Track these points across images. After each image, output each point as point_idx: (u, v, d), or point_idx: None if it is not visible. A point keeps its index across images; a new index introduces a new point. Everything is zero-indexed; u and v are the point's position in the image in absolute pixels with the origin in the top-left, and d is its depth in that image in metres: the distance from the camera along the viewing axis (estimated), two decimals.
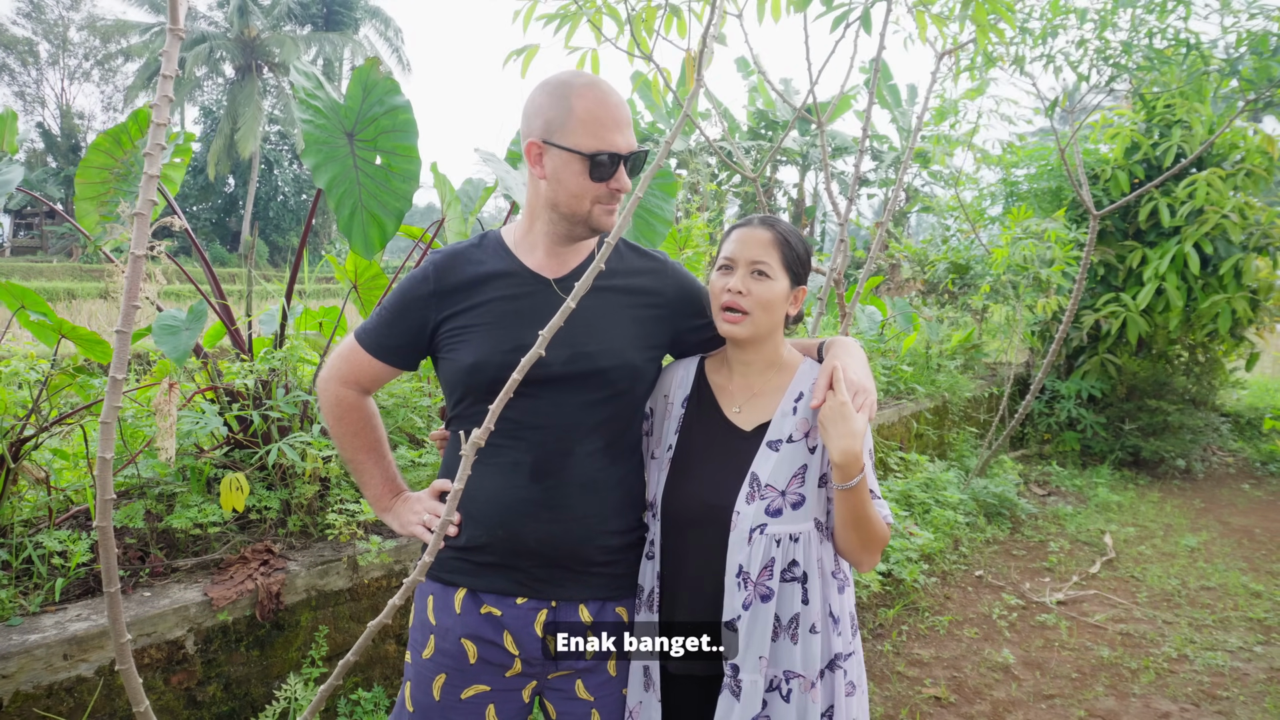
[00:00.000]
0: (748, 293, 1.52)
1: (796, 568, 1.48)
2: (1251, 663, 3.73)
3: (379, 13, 38.70)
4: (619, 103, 1.47)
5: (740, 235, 1.56)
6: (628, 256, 1.62)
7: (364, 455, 1.65)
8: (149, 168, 1.08)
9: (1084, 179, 5.81)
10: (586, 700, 1.55)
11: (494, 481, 1.51)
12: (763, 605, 1.46)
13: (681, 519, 1.54)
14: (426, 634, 1.55)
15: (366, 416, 1.65)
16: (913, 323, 7.10)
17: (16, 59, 37.92)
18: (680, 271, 1.66)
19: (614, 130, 1.45)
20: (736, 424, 1.57)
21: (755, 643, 1.45)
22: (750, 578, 1.47)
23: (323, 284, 16.98)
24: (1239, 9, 5.12)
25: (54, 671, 1.95)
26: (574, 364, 1.48)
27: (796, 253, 1.55)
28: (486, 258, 1.55)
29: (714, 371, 1.66)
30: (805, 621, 1.48)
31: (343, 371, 1.62)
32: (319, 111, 2.65)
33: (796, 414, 1.53)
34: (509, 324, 1.49)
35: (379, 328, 1.59)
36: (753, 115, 15.93)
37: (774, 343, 1.59)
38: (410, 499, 1.65)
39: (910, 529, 4.62)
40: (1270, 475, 7.47)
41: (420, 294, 1.54)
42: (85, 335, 2.62)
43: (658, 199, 3.30)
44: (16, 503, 2.48)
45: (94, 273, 23.44)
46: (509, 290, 1.52)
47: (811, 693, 1.48)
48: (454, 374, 1.52)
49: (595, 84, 1.46)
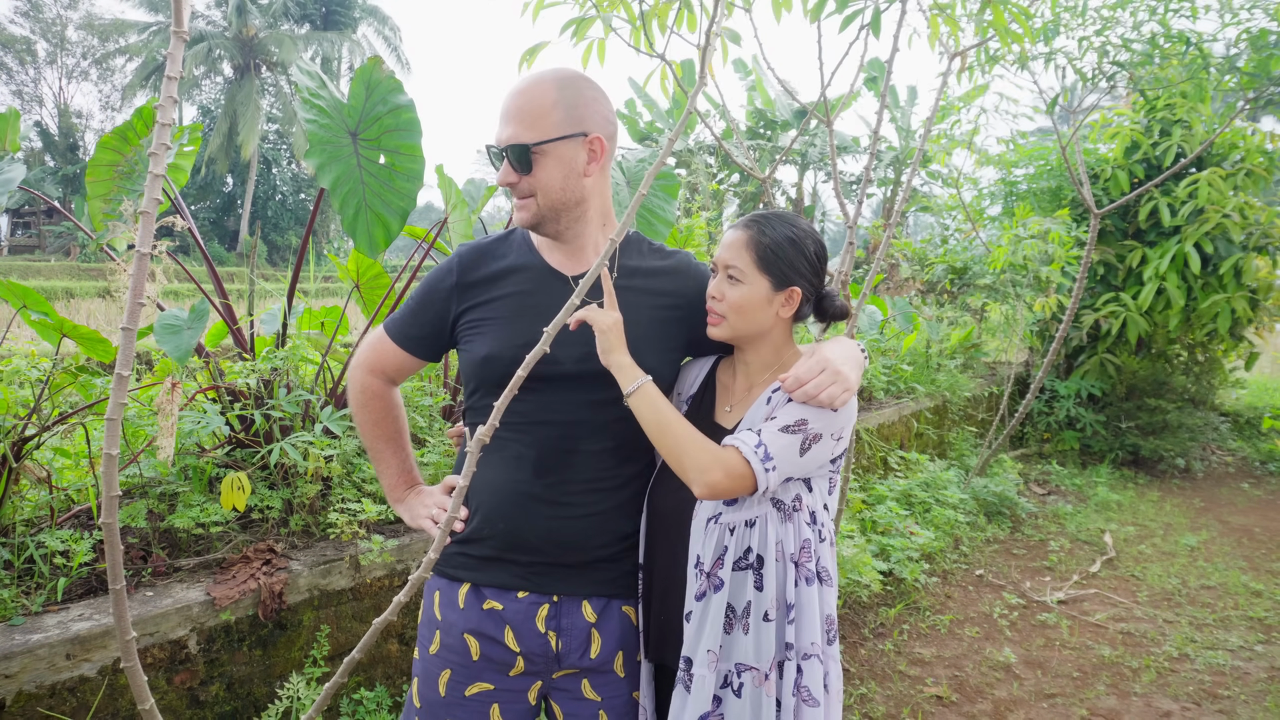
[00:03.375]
0: (721, 297, 1.51)
1: (750, 554, 1.44)
2: (1252, 661, 3.73)
3: (377, 11, 38.65)
4: (514, 93, 1.47)
5: (723, 238, 1.56)
6: (649, 256, 1.62)
7: (384, 444, 1.69)
8: (154, 166, 1.08)
9: (1085, 178, 5.81)
10: (594, 700, 1.55)
11: (498, 474, 1.52)
12: (715, 595, 1.43)
13: (660, 512, 1.55)
14: (433, 630, 1.56)
15: (390, 406, 1.68)
16: (912, 322, 7.10)
17: (14, 58, 37.82)
18: (701, 271, 1.66)
19: (500, 123, 1.49)
20: (721, 422, 1.57)
21: (706, 635, 1.42)
22: (704, 568, 1.45)
23: (323, 283, 16.96)
24: (1239, 6, 5.13)
25: (57, 671, 1.94)
26: (586, 363, 1.48)
27: (776, 253, 1.50)
28: (510, 252, 1.57)
29: (723, 372, 1.66)
30: (757, 609, 1.43)
31: (370, 360, 1.65)
32: (323, 111, 2.65)
33: (770, 404, 1.49)
34: (523, 318, 1.50)
35: (405, 318, 1.62)
36: (751, 115, 15.91)
37: (772, 344, 1.57)
38: (423, 492, 1.68)
39: (911, 528, 4.62)
40: (1269, 474, 7.47)
41: (444, 286, 1.56)
42: (87, 334, 2.61)
43: (659, 199, 3.30)
44: (18, 502, 2.48)
45: (92, 272, 23.41)
46: (525, 285, 1.53)
47: (765, 685, 1.41)
48: (469, 366, 1.55)
49: (520, 79, 1.51)
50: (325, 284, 16.89)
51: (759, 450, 1.39)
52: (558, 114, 1.45)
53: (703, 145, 14.86)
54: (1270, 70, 5.05)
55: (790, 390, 1.42)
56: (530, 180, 1.47)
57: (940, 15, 2.57)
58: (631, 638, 1.58)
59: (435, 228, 3.35)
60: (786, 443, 1.40)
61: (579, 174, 1.48)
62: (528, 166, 1.46)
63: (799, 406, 1.43)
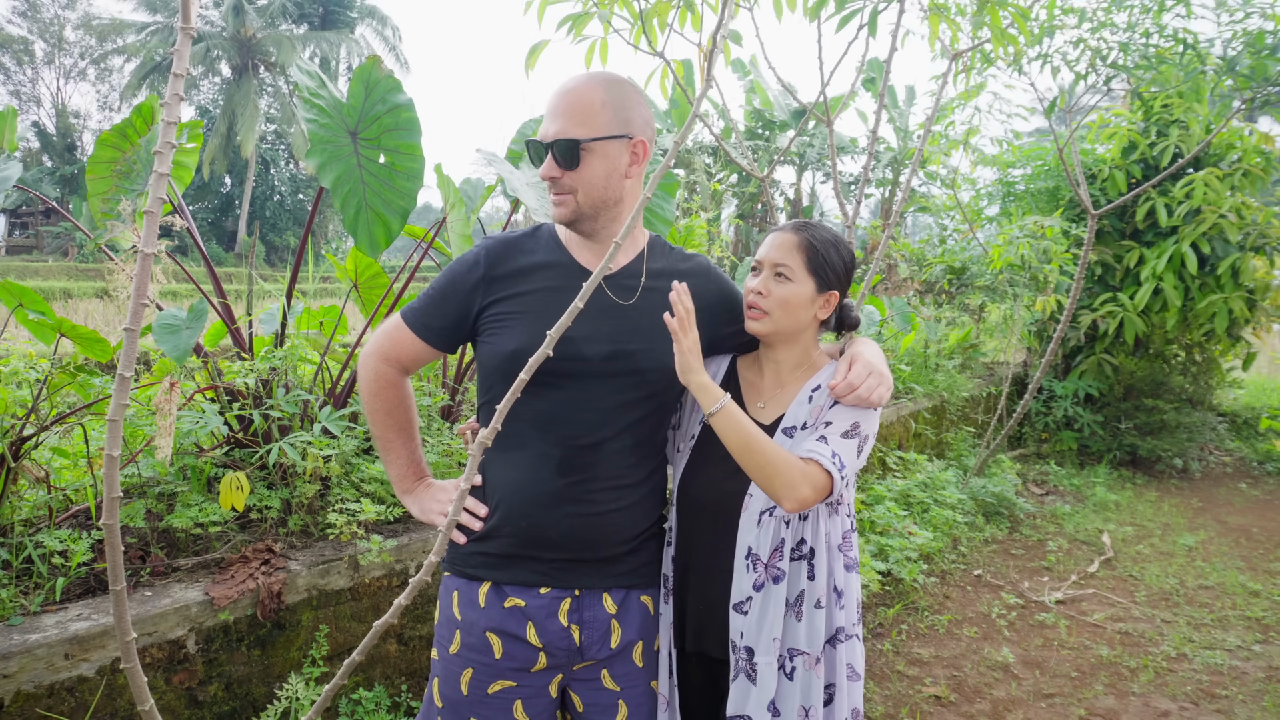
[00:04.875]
0: (768, 293, 1.57)
1: (804, 545, 1.52)
2: (1250, 661, 3.74)
3: (376, 12, 38.61)
4: (562, 91, 1.48)
5: (770, 238, 1.62)
6: (672, 258, 1.64)
7: (394, 434, 1.68)
8: (159, 165, 1.07)
9: (1082, 178, 5.82)
10: (613, 690, 1.57)
11: (520, 473, 1.52)
12: (775, 587, 1.50)
13: (697, 505, 1.59)
14: (453, 629, 1.57)
15: (402, 396, 1.67)
16: (910, 322, 7.11)
17: (12, 58, 37.76)
18: (720, 276, 1.69)
19: (546, 119, 1.49)
20: (758, 418, 1.61)
21: (769, 624, 1.49)
22: (760, 559, 1.51)
23: (321, 284, 16.93)
24: (1235, 7, 5.14)
25: (55, 671, 1.94)
26: (613, 361, 1.50)
27: (824, 257, 1.58)
28: (538, 248, 1.58)
29: (745, 368, 1.71)
30: (810, 597, 1.52)
31: (385, 348, 1.64)
32: (322, 110, 2.64)
33: (811, 402, 1.57)
34: (552, 314, 1.49)
35: (425, 307, 1.60)
36: (749, 115, 15.91)
37: (803, 344, 1.64)
38: (434, 486, 1.67)
39: (909, 528, 4.63)
40: (1267, 475, 7.49)
41: (470, 278, 1.56)
42: (85, 334, 2.61)
43: (658, 198, 3.30)
44: (16, 502, 2.47)
45: (89, 272, 23.36)
46: (555, 281, 1.53)
47: (816, 669, 1.51)
48: (493, 359, 1.54)
49: (566, 79, 1.52)
50: (323, 284, 16.87)
51: (835, 460, 1.46)
52: (606, 114, 1.47)
53: (701, 145, 14.86)
54: (1267, 71, 5.06)
55: (842, 396, 1.49)
56: (573, 176, 1.48)
57: (941, 15, 2.58)
58: (650, 627, 1.60)
59: (434, 227, 3.35)
60: (849, 448, 1.49)
61: (621, 174, 1.50)
62: (573, 162, 1.47)
63: (850, 410, 1.51)
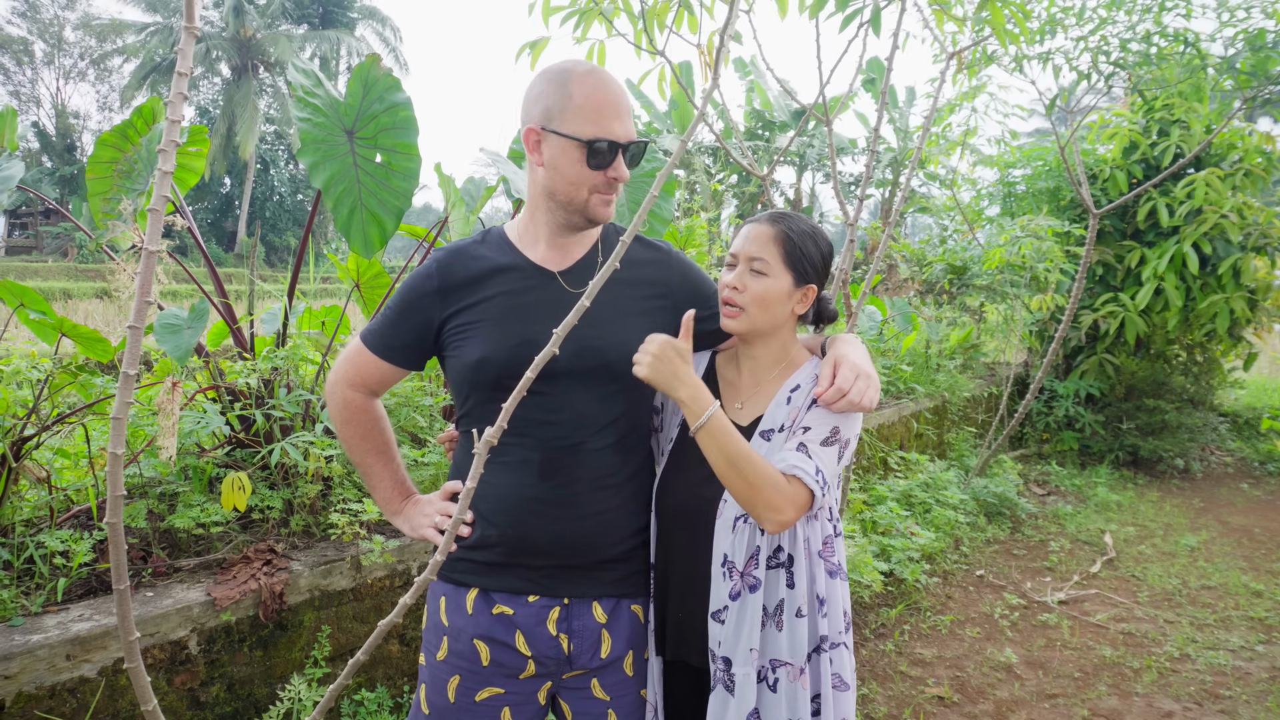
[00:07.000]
0: (743, 288, 1.51)
1: (781, 553, 1.46)
2: (1254, 661, 3.73)
3: (375, 12, 38.61)
4: (619, 90, 1.45)
5: (745, 230, 1.55)
6: (632, 247, 1.60)
7: (372, 458, 1.63)
8: (163, 164, 1.07)
9: (1083, 178, 5.81)
10: (603, 700, 1.54)
11: (503, 480, 1.49)
12: (751, 595, 1.44)
13: (673, 511, 1.53)
14: (440, 636, 1.54)
15: (374, 419, 1.63)
16: (911, 322, 7.11)
17: (11, 58, 37.75)
18: (685, 261, 1.64)
19: (613, 118, 1.43)
20: (735, 419, 1.55)
21: (745, 634, 1.44)
22: (736, 567, 1.45)
23: (322, 284, 16.93)
24: (1235, 5, 5.14)
25: (56, 672, 1.93)
26: (581, 358, 1.46)
27: (802, 250, 1.51)
28: (490, 253, 1.53)
29: (724, 366, 1.64)
30: (790, 606, 1.46)
31: (349, 374, 1.60)
32: (317, 109, 2.63)
33: (790, 404, 1.50)
34: (514, 319, 1.47)
35: (384, 328, 1.56)
36: (749, 115, 15.90)
37: (781, 340, 1.57)
38: (420, 501, 1.63)
39: (911, 529, 4.62)
40: (1269, 475, 7.48)
41: (425, 291, 1.52)
42: (86, 333, 2.60)
43: (658, 197, 3.30)
44: (18, 502, 2.47)
45: (89, 273, 23.36)
46: (513, 285, 1.50)
47: (800, 679, 1.45)
48: (460, 371, 1.50)
49: (595, 71, 1.45)
50: (324, 284, 16.86)
51: (819, 477, 1.40)
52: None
53: (701, 146, 14.86)
54: (1268, 70, 5.06)
55: (832, 402, 1.42)
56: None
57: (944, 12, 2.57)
58: (640, 636, 1.57)
59: (435, 227, 3.34)
60: (829, 456, 1.42)
61: None
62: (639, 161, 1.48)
63: (829, 415, 1.44)
